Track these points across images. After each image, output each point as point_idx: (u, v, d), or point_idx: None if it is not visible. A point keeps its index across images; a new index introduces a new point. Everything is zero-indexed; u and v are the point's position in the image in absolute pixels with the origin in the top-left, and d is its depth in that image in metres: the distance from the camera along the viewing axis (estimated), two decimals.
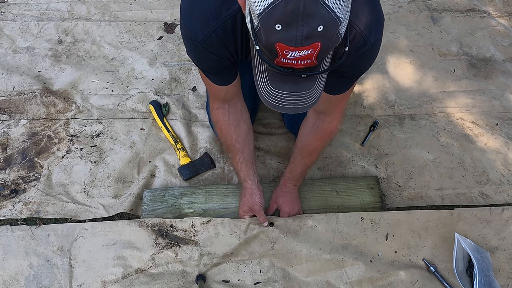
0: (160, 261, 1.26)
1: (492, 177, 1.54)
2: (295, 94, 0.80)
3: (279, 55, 0.70)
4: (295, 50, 0.68)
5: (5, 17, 1.94)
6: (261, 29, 0.69)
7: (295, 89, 0.80)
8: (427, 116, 1.70)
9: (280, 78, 0.79)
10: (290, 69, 0.73)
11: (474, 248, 1.29)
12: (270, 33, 0.67)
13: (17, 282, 1.23)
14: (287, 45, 0.68)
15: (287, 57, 0.70)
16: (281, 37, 0.67)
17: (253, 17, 0.70)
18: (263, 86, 0.81)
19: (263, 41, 0.70)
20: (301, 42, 0.67)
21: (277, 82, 0.80)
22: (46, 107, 1.63)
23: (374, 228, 1.34)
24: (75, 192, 1.43)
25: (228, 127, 1.25)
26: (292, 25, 0.66)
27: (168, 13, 2.00)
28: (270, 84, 0.80)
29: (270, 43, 0.69)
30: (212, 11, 0.91)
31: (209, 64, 1.04)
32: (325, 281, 1.24)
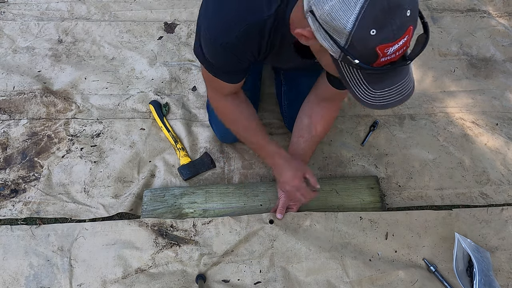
0: (160, 261, 1.26)
1: (492, 177, 1.54)
2: (397, 85, 0.81)
3: (379, 57, 0.72)
4: (394, 44, 0.70)
5: (5, 17, 1.94)
6: (354, 41, 0.70)
7: (396, 80, 0.80)
8: (427, 116, 1.70)
9: (379, 78, 0.79)
10: (389, 64, 0.74)
11: (474, 248, 1.29)
12: (367, 41, 0.69)
13: (17, 282, 1.23)
14: (386, 43, 0.69)
15: (386, 55, 0.72)
16: (379, 39, 0.69)
17: (338, 38, 0.72)
18: (363, 93, 0.81)
19: (361, 51, 0.71)
20: (398, 34, 0.69)
21: (377, 84, 0.80)
22: (46, 107, 1.63)
23: (374, 227, 1.34)
24: (75, 192, 1.43)
25: (241, 109, 1.22)
26: (385, 23, 0.67)
27: (168, 13, 2.00)
28: (371, 88, 0.80)
29: (369, 49, 0.70)
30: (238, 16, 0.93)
31: (230, 65, 1.06)
32: (326, 281, 1.25)
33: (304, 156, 1.33)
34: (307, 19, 0.77)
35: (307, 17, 0.76)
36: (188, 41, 1.90)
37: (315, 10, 0.73)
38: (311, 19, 0.76)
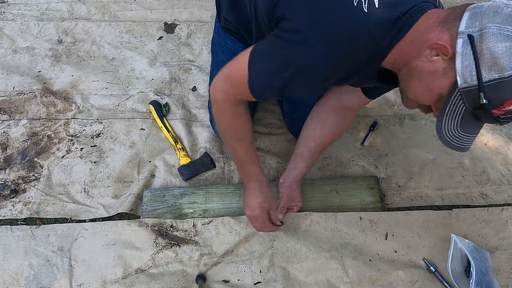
0: (160, 261, 1.26)
1: (492, 177, 1.54)
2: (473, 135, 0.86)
3: (497, 108, 0.75)
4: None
5: (5, 17, 1.94)
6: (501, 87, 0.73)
7: (475, 131, 0.85)
8: (427, 116, 1.70)
9: (472, 123, 0.82)
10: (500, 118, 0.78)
11: (473, 248, 1.29)
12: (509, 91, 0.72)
13: (17, 282, 1.23)
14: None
15: (501, 110, 0.75)
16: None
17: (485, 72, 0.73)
18: (449, 129, 0.84)
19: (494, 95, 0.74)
20: None
21: (467, 127, 0.83)
22: (46, 107, 1.63)
23: (374, 227, 1.34)
24: (75, 192, 1.43)
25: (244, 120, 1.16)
26: None
27: (168, 13, 2.00)
28: (459, 128, 0.83)
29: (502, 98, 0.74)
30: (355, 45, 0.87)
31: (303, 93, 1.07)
32: (326, 281, 1.25)
33: (312, 159, 1.34)
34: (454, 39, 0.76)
35: (458, 37, 0.76)
36: (188, 41, 1.90)
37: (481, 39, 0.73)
38: (462, 42, 0.75)
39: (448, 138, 0.85)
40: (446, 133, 0.85)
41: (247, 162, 1.18)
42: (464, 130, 0.84)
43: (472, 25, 0.74)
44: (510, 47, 0.70)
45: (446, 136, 0.85)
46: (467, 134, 0.84)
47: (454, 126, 0.83)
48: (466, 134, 0.84)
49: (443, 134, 0.85)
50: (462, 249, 1.26)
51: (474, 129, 0.84)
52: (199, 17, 2.01)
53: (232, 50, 1.32)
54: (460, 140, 0.85)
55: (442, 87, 0.82)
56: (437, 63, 0.81)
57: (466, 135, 0.85)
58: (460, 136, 0.85)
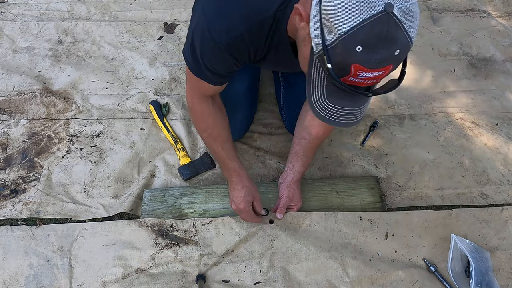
0: (160, 261, 1.26)
1: (492, 177, 1.54)
2: (350, 110, 0.81)
3: (349, 74, 0.71)
4: (369, 71, 0.69)
5: (5, 17, 1.94)
6: (338, 48, 0.69)
7: (352, 105, 0.80)
8: (427, 116, 1.70)
9: (339, 94, 0.78)
10: (354, 86, 0.74)
11: (473, 248, 1.29)
12: (349, 53, 0.68)
13: (17, 282, 1.23)
14: (364, 66, 0.68)
15: (357, 77, 0.71)
16: (359, 59, 0.68)
17: (327, 34, 0.70)
18: (317, 100, 0.81)
19: (337, 59, 0.70)
20: (377, 65, 0.68)
21: (334, 98, 0.79)
22: (46, 107, 1.63)
23: (374, 227, 1.34)
24: (75, 192, 1.43)
25: (215, 117, 1.21)
26: (373, 49, 0.67)
27: (168, 13, 2.00)
28: (326, 99, 0.80)
29: (345, 63, 0.69)
30: (241, 15, 0.91)
31: (222, 67, 1.03)
32: (326, 281, 1.25)
33: (306, 157, 1.33)
34: (311, 2, 0.75)
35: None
36: None
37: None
38: (315, 3, 0.73)
39: (318, 109, 0.81)
40: (315, 103, 0.81)
41: (226, 159, 1.24)
42: (333, 101, 0.80)
43: None
44: (340, 3, 0.67)
45: (316, 107, 0.81)
46: (338, 106, 0.80)
47: (321, 96, 0.80)
48: (336, 106, 0.80)
49: (313, 105, 0.82)
50: (462, 249, 1.26)
51: (345, 101, 0.79)
52: None
53: None
54: (332, 112, 0.80)
55: (308, 54, 0.80)
56: (304, 29, 0.80)
57: (337, 107, 0.80)
58: (330, 108, 0.80)
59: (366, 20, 0.65)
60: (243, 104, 1.50)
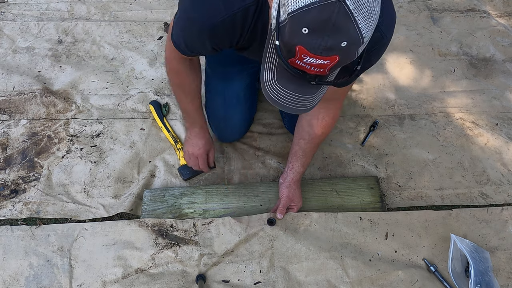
0: (160, 261, 1.26)
1: (492, 177, 1.54)
2: (298, 95, 0.81)
3: (295, 56, 0.70)
4: (313, 57, 0.69)
5: (5, 17, 1.94)
6: (287, 26, 0.69)
7: (299, 91, 0.80)
8: (427, 116, 1.70)
9: (287, 76, 0.78)
10: (301, 71, 0.74)
11: (473, 248, 1.29)
12: (295, 33, 0.68)
13: (17, 282, 1.23)
14: (308, 50, 0.68)
15: (303, 60, 0.70)
16: (304, 41, 0.67)
17: (281, 12, 0.70)
18: (268, 79, 0.81)
19: (285, 39, 0.70)
20: (321, 52, 0.67)
21: (283, 80, 0.79)
22: (46, 107, 1.63)
23: (373, 227, 1.34)
24: (75, 192, 1.43)
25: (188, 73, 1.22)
26: (318, 33, 0.66)
27: (168, 13, 2.00)
28: (276, 79, 0.80)
29: (291, 43, 0.69)
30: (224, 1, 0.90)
31: (200, 48, 1.03)
32: (326, 281, 1.25)
33: (305, 157, 1.33)
34: None
35: None
36: None
37: None
38: None
39: (268, 89, 0.81)
40: (266, 83, 0.81)
41: (193, 111, 1.31)
42: (282, 83, 0.80)
43: None
44: None
45: (266, 87, 0.82)
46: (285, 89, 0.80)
47: (272, 76, 0.80)
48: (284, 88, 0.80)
49: (264, 85, 0.82)
50: (462, 249, 1.26)
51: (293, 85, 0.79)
52: None
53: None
54: (279, 94, 0.81)
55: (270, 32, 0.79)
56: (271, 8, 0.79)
57: (284, 89, 0.80)
58: (278, 89, 0.80)
59: (316, 2, 0.64)
60: (243, 104, 1.50)
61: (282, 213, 1.31)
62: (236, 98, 1.45)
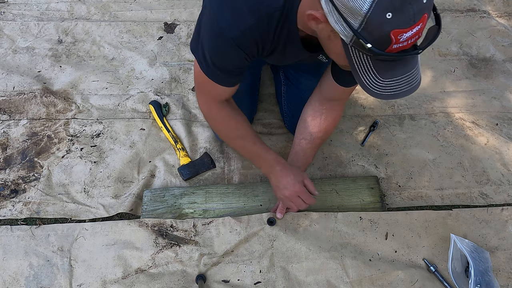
0: (160, 261, 1.26)
1: (492, 177, 1.54)
2: (406, 75, 0.81)
3: (392, 42, 0.71)
4: (408, 30, 0.70)
5: (5, 17, 1.94)
6: (369, 24, 0.70)
7: (406, 70, 0.80)
8: (427, 116, 1.70)
9: (389, 66, 0.79)
10: (401, 52, 0.74)
11: (473, 248, 1.29)
12: (382, 24, 0.69)
13: (17, 282, 1.23)
14: (402, 28, 0.69)
15: (399, 41, 0.71)
16: (395, 23, 0.69)
17: (352, 20, 0.71)
18: (371, 82, 0.81)
19: (375, 35, 0.71)
20: (414, 20, 0.69)
21: (387, 72, 0.80)
22: (46, 107, 1.63)
23: (374, 227, 1.34)
24: (75, 192, 1.43)
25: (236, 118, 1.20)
26: (402, 8, 0.67)
27: (168, 13, 2.00)
28: (380, 77, 0.80)
29: (384, 33, 0.70)
30: (249, 7, 0.91)
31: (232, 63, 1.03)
32: (326, 281, 1.25)
33: (306, 158, 1.33)
34: (320, 1, 0.77)
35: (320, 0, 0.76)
36: (188, 41, 1.90)
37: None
38: (324, 1, 0.76)
39: (376, 91, 0.82)
40: (371, 87, 0.82)
41: (262, 153, 1.22)
42: (387, 76, 0.80)
43: None
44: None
45: (374, 90, 0.82)
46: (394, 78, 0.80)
47: (374, 77, 0.81)
48: (392, 79, 0.80)
49: (371, 90, 0.82)
50: (462, 249, 1.26)
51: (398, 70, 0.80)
52: None
53: None
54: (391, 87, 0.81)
55: (340, 48, 0.81)
56: (324, 30, 0.82)
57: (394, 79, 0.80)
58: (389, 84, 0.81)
59: None
60: (244, 104, 1.50)
61: (282, 213, 1.31)
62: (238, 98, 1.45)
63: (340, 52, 0.82)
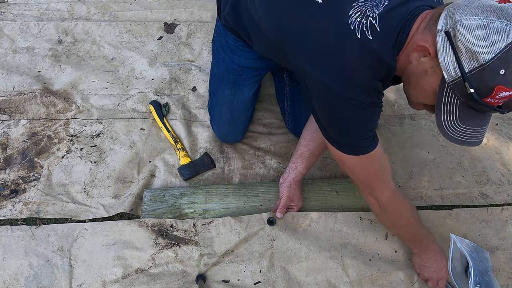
0: (160, 261, 1.26)
1: (492, 177, 1.54)
2: (480, 129, 0.87)
3: (489, 96, 0.77)
4: (509, 90, 0.76)
5: (5, 17, 1.94)
6: (482, 73, 0.76)
7: (481, 124, 0.87)
8: (427, 116, 1.70)
9: (471, 115, 0.84)
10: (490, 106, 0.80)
11: (473, 248, 1.29)
12: (494, 77, 0.75)
13: (17, 282, 1.23)
14: (506, 86, 0.76)
15: (495, 97, 0.77)
16: (503, 80, 0.75)
17: (466, 63, 0.77)
18: (449, 124, 0.87)
19: (481, 84, 0.77)
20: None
21: (467, 120, 0.85)
22: (46, 107, 1.63)
23: (373, 227, 1.34)
24: (75, 192, 1.43)
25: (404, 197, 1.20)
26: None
27: (168, 13, 2.00)
28: (458, 121, 0.86)
29: (489, 86, 0.76)
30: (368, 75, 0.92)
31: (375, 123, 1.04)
32: (326, 281, 1.25)
33: (311, 160, 1.33)
34: (435, 39, 0.81)
35: (437, 36, 0.81)
36: (188, 41, 1.90)
37: (454, 33, 0.77)
38: (441, 39, 0.80)
39: (451, 133, 0.87)
40: (447, 128, 0.87)
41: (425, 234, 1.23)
42: (465, 123, 0.85)
43: (447, 22, 0.80)
44: (480, 35, 0.75)
45: (449, 132, 0.87)
46: (470, 127, 0.86)
47: (454, 120, 0.86)
48: (468, 127, 0.86)
49: (445, 131, 0.87)
50: (461, 249, 1.26)
51: (476, 120, 0.86)
52: (199, 17, 2.01)
53: (233, 49, 1.32)
54: (465, 134, 0.87)
55: (434, 85, 0.86)
56: (425, 63, 0.86)
57: (469, 128, 0.86)
58: (464, 130, 0.86)
59: (508, 46, 0.73)
60: (249, 110, 1.51)
61: (282, 213, 1.31)
62: (243, 104, 1.45)
63: (430, 89, 0.87)
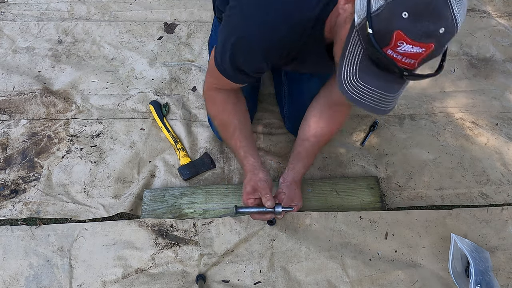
0: (160, 261, 1.26)
1: (492, 177, 1.54)
2: (381, 93, 0.77)
3: (389, 45, 0.69)
4: (410, 43, 0.67)
5: (5, 17, 1.94)
6: (384, 12, 0.67)
7: (383, 88, 0.77)
8: (427, 116, 1.70)
9: (372, 71, 0.76)
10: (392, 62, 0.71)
11: (473, 248, 1.29)
12: (394, 18, 0.67)
13: (17, 282, 1.23)
14: (406, 35, 0.67)
15: (396, 49, 0.69)
16: (404, 25, 0.66)
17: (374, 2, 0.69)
18: (348, 77, 0.78)
19: (381, 25, 0.69)
20: (420, 37, 0.66)
21: (366, 76, 0.76)
22: (46, 107, 1.63)
23: (373, 227, 1.34)
24: (75, 192, 1.43)
25: (225, 104, 1.17)
26: (419, 18, 0.65)
27: (168, 13, 2.00)
28: (357, 76, 0.77)
29: (389, 28, 0.68)
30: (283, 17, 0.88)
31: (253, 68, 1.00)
32: (326, 281, 1.25)
33: (308, 159, 1.32)
34: None
35: None
36: (188, 41, 1.90)
37: None
38: None
39: (347, 86, 0.78)
40: (345, 81, 0.78)
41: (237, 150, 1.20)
42: (365, 81, 0.77)
43: None
44: None
45: (345, 85, 0.78)
46: (369, 86, 0.77)
47: (353, 73, 0.77)
48: (367, 86, 0.77)
49: (342, 83, 0.79)
50: (462, 249, 1.26)
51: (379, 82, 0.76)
52: (199, 17, 2.01)
53: None
54: (362, 93, 0.77)
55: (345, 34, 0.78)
56: (347, 10, 0.79)
57: (368, 87, 0.77)
58: (362, 88, 0.77)
59: None
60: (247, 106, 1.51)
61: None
62: None
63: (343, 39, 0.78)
